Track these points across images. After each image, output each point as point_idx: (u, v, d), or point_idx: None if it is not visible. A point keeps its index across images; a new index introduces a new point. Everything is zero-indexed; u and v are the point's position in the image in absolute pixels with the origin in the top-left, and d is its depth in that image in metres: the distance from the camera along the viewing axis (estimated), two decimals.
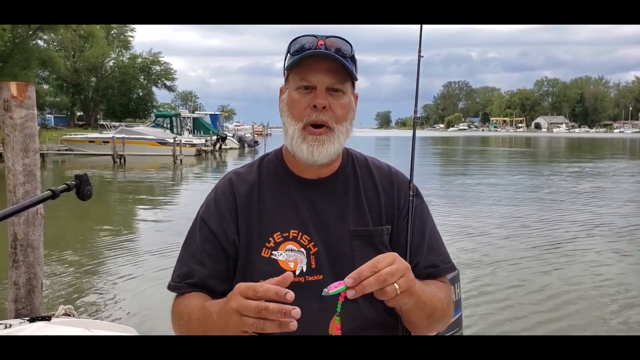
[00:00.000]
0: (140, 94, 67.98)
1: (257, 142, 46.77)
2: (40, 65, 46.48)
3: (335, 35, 1.33)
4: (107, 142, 30.31)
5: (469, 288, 6.28)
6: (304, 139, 1.31)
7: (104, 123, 46.31)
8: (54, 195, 1.45)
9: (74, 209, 11.36)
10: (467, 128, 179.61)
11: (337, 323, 1.11)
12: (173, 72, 69.44)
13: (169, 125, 38.21)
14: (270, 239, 1.33)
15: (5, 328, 2.13)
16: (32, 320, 2.25)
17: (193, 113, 52.34)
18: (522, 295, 6.39)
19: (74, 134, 37.27)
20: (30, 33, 40.22)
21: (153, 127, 37.98)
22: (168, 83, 68.59)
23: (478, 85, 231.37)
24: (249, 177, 1.42)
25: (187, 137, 36.73)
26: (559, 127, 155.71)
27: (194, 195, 15.34)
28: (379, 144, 58.18)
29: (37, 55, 41.90)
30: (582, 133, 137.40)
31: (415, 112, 1.65)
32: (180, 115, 42.84)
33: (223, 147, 38.76)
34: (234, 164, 24.17)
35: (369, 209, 1.39)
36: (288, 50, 1.34)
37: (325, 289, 1.07)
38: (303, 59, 1.29)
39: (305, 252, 1.33)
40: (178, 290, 1.35)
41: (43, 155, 24.72)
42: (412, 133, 1.56)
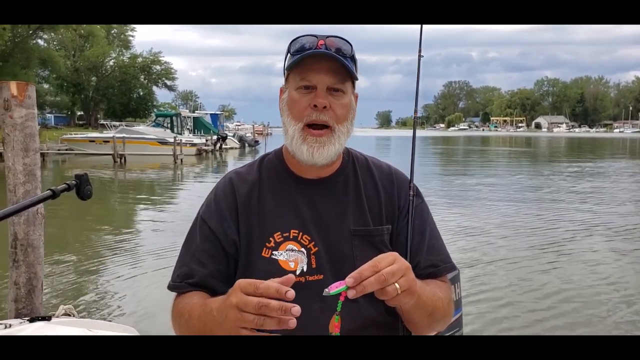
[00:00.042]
0: (141, 94, 67.94)
1: (257, 141, 46.77)
2: (41, 65, 46.48)
3: (336, 35, 1.33)
4: (107, 141, 30.30)
5: (468, 287, 6.29)
6: (304, 140, 1.31)
7: (105, 122, 46.27)
8: (54, 195, 1.45)
9: (75, 209, 11.36)
10: (467, 128, 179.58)
11: (336, 322, 1.10)
12: (173, 71, 69.51)
13: (170, 125, 38.24)
14: (271, 239, 1.33)
15: (5, 328, 2.13)
16: (32, 320, 2.25)
17: (193, 113, 52.35)
18: (520, 294, 6.40)
19: (74, 134, 37.27)
20: (31, 32, 40.23)
21: (153, 126, 38.00)
22: (168, 83, 68.62)
23: (478, 85, 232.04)
24: (250, 177, 1.42)
25: (187, 136, 36.74)
26: (559, 126, 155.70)
27: (194, 195, 15.34)
28: (380, 144, 58.15)
29: (37, 55, 41.90)
30: (582, 133, 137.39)
31: (416, 111, 1.65)
32: (181, 115, 42.89)
33: (223, 146, 38.75)
34: (235, 164, 24.21)
35: (369, 209, 1.39)
36: (288, 50, 1.34)
37: (326, 289, 1.07)
38: (303, 59, 1.29)
39: (306, 251, 1.33)
40: (178, 290, 1.35)
41: (43, 155, 24.74)
42: (412, 133, 1.57)
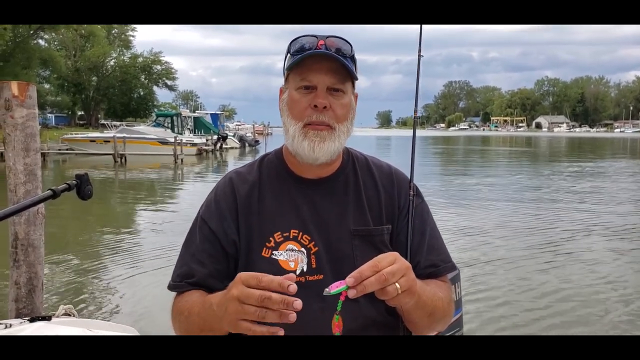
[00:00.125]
0: (141, 94, 67.98)
1: (257, 141, 46.79)
2: (41, 65, 46.50)
3: (336, 35, 1.32)
4: (108, 141, 30.30)
5: (467, 286, 6.30)
6: (306, 135, 1.30)
7: (105, 122, 46.28)
8: (55, 195, 1.45)
9: (75, 209, 11.36)
10: (467, 127, 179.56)
11: (336, 322, 1.10)
12: (174, 71, 69.56)
13: (170, 125, 38.24)
14: (271, 239, 1.33)
15: (6, 328, 2.13)
16: (32, 320, 2.26)
17: (194, 112, 52.35)
18: (519, 293, 6.43)
19: (75, 134, 37.28)
20: (31, 32, 40.25)
21: (154, 126, 38.00)
22: (169, 82, 68.68)
23: (479, 85, 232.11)
24: (250, 176, 1.41)
25: (188, 136, 36.76)
26: (560, 126, 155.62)
27: (195, 195, 15.35)
28: (380, 144, 58.16)
29: (38, 55, 41.92)
30: (582, 133, 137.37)
31: (416, 111, 1.66)
32: (181, 115, 42.91)
33: (224, 146, 38.78)
34: (235, 164, 24.21)
35: (370, 209, 1.39)
36: (288, 50, 1.34)
37: (327, 289, 1.07)
38: (303, 59, 1.29)
39: (306, 251, 1.33)
40: (178, 290, 1.35)
41: (44, 155, 24.75)
42: (412, 133, 1.57)
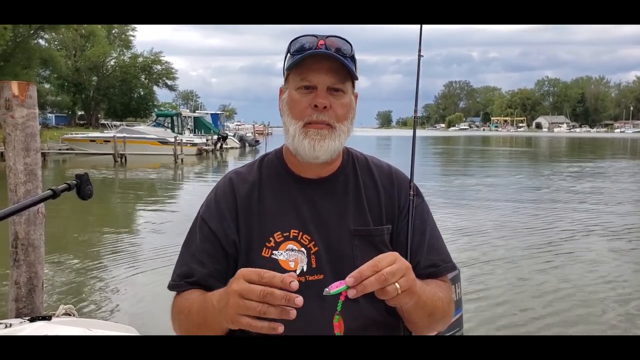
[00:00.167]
0: (142, 93, 67.94)
1: (258, 141, 46.77)
2: (42, 65, 46.48)
3: (336, 35, 1.32)
4: (108, 141, 30.31)
5: (465, 285, 6.30)
6: (306, 134, 1.30)
7: (105, 122, 46.30)
8: (55, 195, 1.45)
9: (75, 209, 11.37)
10: (468, 128, 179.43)
11: (336, 322, 1.10)
12: (174, 71, 69.50)
13: (170, 125, 38.24)
14: (271, 239, 1.33)
15: (6, 327, 2.13)
16: (32, 320, 2.26)
17: (194, 112, 52.33)
18: (518, 293, 6.45)
19: (75, 133, 37.28)
20: (32, 32, 40.23)
21: (154, 126, 37.99)
22: (169, 82, 68.63)
23: (479, 85, 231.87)
24: (250, 176, 1.42)
25: (188, 136, 36.76)
26: (560, 126, 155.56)
27: (195, 195, 15.35)
28: (380, 144, 58.17)
29: (38, 55, 41.90)
30: (583, 133, 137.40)
31: (416, 111, 1.66)
32: (182, 115, 42.90)
33: (224, 146, 38.78)
34: (235, 164, 24.20)
35: (370, 209, 1.39)
36: (288, 50, 1.34)
37: (327, 289, 1.07)
38: (303, 59, 1.29)
39: (306, 251, 1.33)
40: (178, 289, 1.35)
41: (44, 155, 24.74)
42: (412, 133, 1.57)
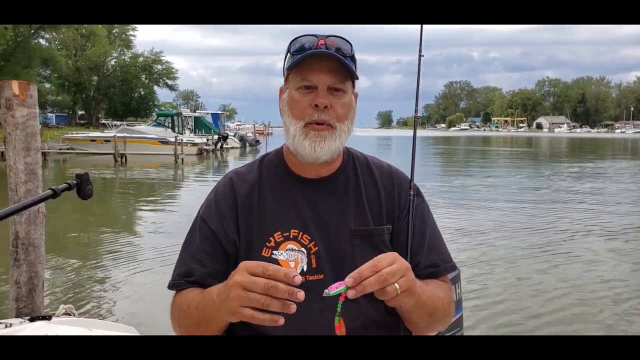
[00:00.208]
0: (142, 93, 67.94)
1: (258, 141, 46.75)
2: (42, 64, 46.46)
3: (335, 35, 1.32)
4: (108, 141, 30.31)
5: (464, 284, 6.32)
6: (306, 135, 1.31)
7: (106, 122, 46.34)
8: (55, 195, 1.45)
9: (75, 208, 11.37)
10: (468, 128, 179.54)
11: (337, 323, 1.10)
12: (174, 71, 69.45)
13: (171, 124, 38.22)
14: (271, 239, 1.33)
15: (6, 327, 2.13)
16: (32, 320, 2.25)
17: (194, 112, 52.32)
18: (517, 292, 6.47)
19: (76, 133, 37.27)
20: (32, 32, 40.23)
21: (154, 126, 37.96)
22: (169, 82, 68.59)
23: (479, 85, 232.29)
24: (250, 176, 1.42)
25: (188, 136, 36.75)
26: (561, 127, 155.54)
27: (195, 195, 15.35)
28: (380, 144, 58.19)
29: (38, 54, 41.89)
30: (583, 133, 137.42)
31: (416, 111, 1.65)
32: (182, 115, 42.86)
33: (224, 146, 38.78)
34: (235, 164, 24.17)
35: (370, 209, 1.39)
36: (288, 50, 1.34)
37: (327, 290, 1.07)
38: (304, 59, 1.29)
39: (306, 251, 1.33)
40: (177, 288, 1.35)
41: (44, 154, 24.76)
42: (413, 133, 1.57)
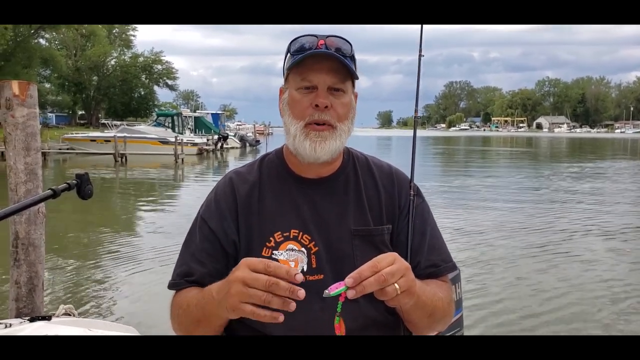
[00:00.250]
0: (142, 93, 67.97)
1: (258, 141, 46.75)
2: (42, 64, 46.49)
3: (335, 35, 1.32)
4: (108, 141, 30.30)
5: (465, 284, 6.34)
6: (307, 136, 1.31)
7: (106, 122, 46.32)
8: (55, 195, 1.45)
9: (75, 209, 11.37)
10: (468, 128, 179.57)
11: (337, 324, 1.10)
12: (175, 71, 69.47)
13: (171, 124, 38.22)
14: (271, 239, 1.33)
15: (6, 327, 2.13)
16: (32, 320, 2.25)
17: (195, 112, 52.35)
18: (516, 291, 6.48)
19: (76, 133, 37.26)
20: (32, 32, 40.24)
21: (155, 126, 37.95)
22: (170, 82, 68.61)
23: (480, 85, 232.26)
24: (250, 176, 1.42)
25: (188, 136, 36.74)
26: (560, 127, 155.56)
27: (195, 195, 15.34)
28: (381, 144, 58.21)
29: (38, 54, 41.90)
30: (583, 133, 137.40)
31: (416, 111, 1.65)
32: (182, 114, 42.88)
33: (224, 146, 38.77)
34: (235, 164, 24.17)
35: (370, 209, 1.39)
36: (288, 50, 1.34)
37: (326, 290, 1.07)
38: (304, 59, 1.29)
39: (306, 251, 1.33)
40: (177, 287, 1.36)
41: (44, 154, 24.75)
42: (413, 133, 1.57)
